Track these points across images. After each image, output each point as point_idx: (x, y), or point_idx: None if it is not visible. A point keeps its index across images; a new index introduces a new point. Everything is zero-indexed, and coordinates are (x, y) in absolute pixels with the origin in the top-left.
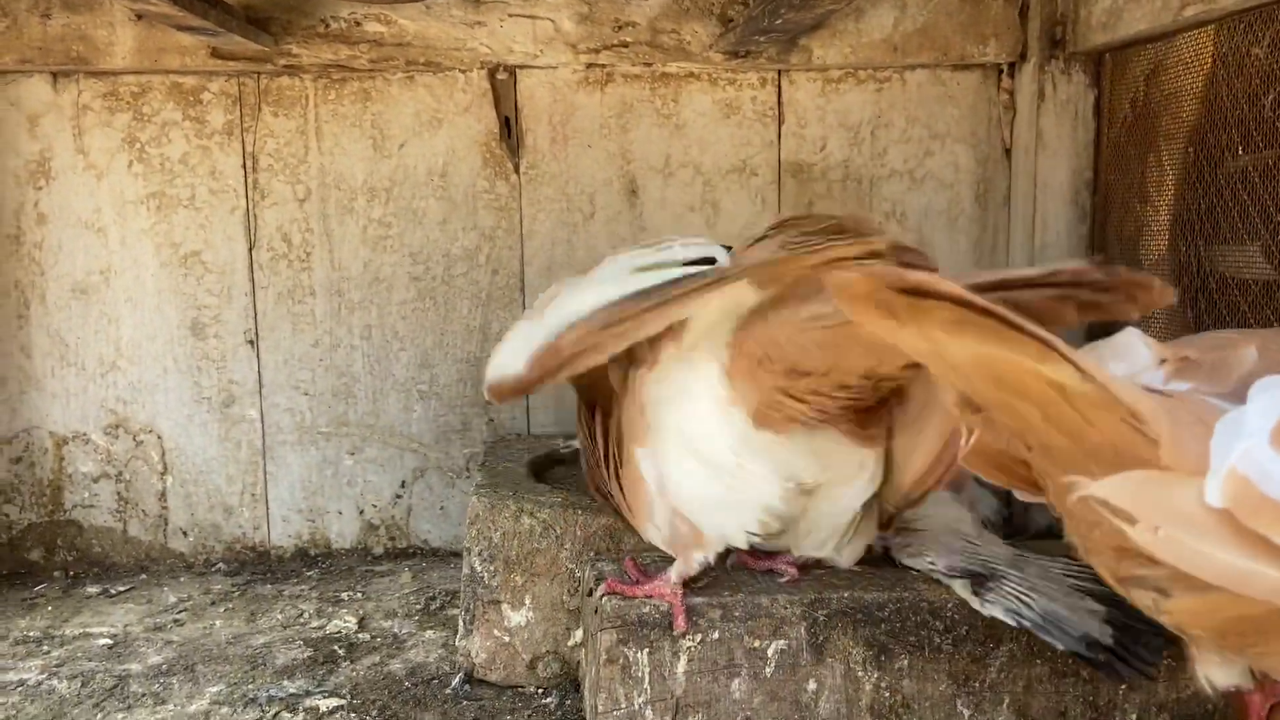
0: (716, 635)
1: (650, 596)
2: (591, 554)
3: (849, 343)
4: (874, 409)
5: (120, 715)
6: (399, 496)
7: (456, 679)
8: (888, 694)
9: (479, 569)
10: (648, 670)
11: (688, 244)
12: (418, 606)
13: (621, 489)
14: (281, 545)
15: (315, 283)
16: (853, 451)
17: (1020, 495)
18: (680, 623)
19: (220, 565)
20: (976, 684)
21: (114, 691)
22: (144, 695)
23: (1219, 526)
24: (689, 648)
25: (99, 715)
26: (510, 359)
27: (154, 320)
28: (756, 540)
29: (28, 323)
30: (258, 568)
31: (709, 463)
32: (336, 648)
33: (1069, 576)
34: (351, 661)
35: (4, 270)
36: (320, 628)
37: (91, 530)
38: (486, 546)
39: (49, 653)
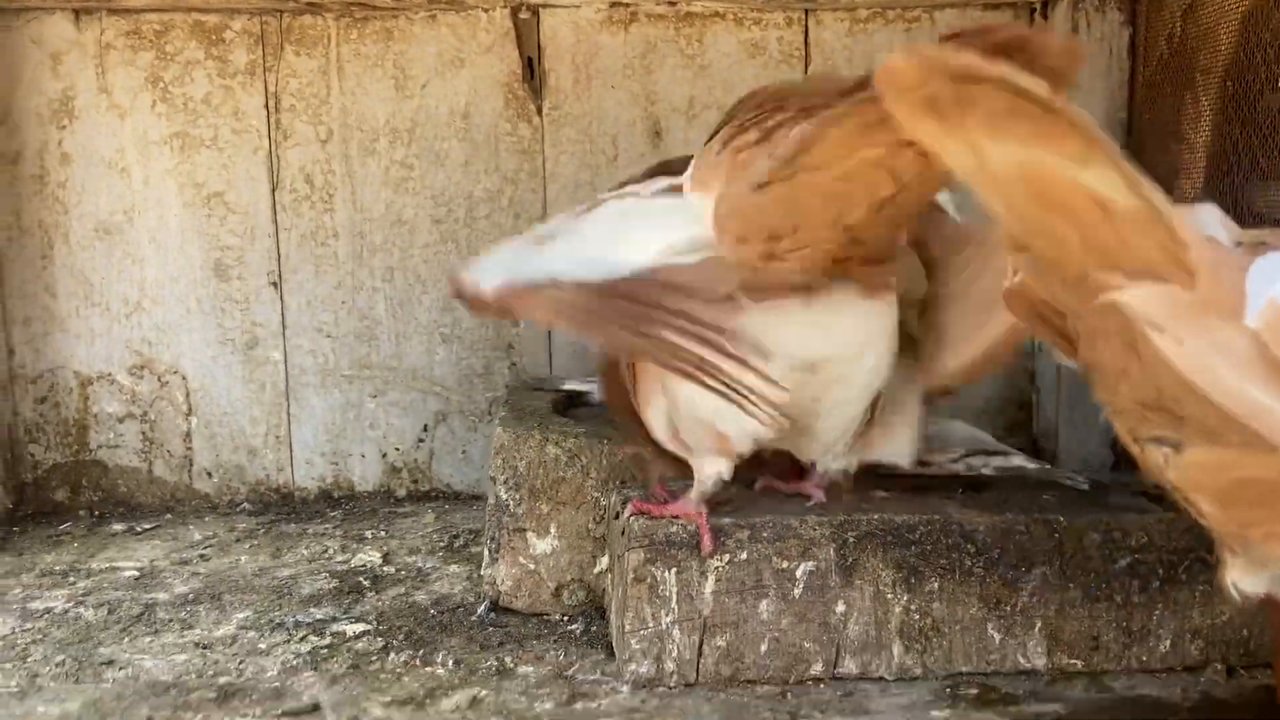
0: (745, 556)
1: (676, 517)
2: (618, 483)
3: (804, 194)
4: (877, 261)
5: (148, 639)
6: (421, 440)
7: (482, 607)
8: (917, 617)
9: (504, 497)
10: (675, 590)
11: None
12: (441, 544)
13: (645, 413)
14: (305, 487)
15: (338, 224)
16: (860, 316)
17: (1059, 356)
18: (707, 543)
19: (245, 505)
20: (1008, 608)
21: (141, 618)
22: (171, 621)
23: (1247, 351)
24: (717, 568)
25: (126, 639)
26: (486, 272)
27: (178, 261)
28: (770, 437)
29: (52, 263)
30: (282, 509)
31: None
32: (362, 579)
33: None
34: (377, 592)
35: (28, 209)
36: (345, 562)
37: (117, 470)
38: (512, 475)
39: (75, 584)
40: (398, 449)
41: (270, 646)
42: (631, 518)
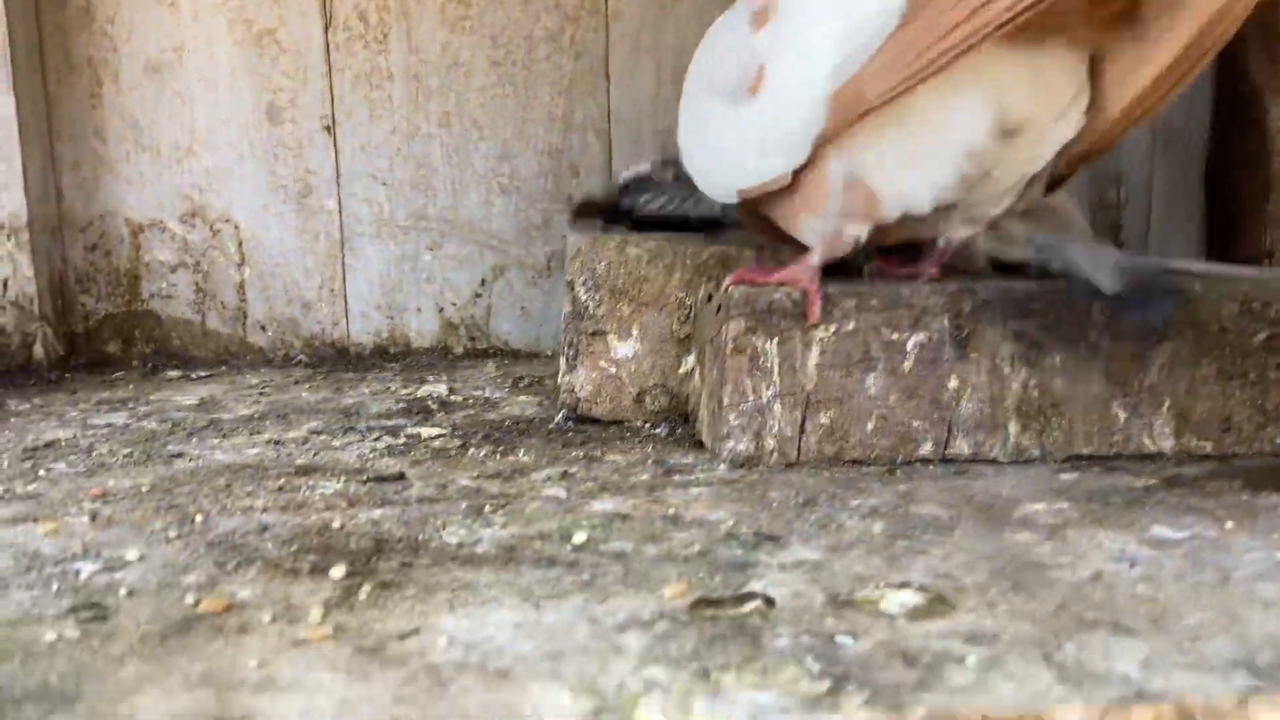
0: (852, 326)
1: (783, 283)
2: (705, 279)
3: None
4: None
5: (216, 440)
6: (479, 295)
7: (560, 415)
8: (1036, 394)
9: (583, 298)
10: (777, 362)
11: None
12: (505, 384)
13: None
14: (361, 342)
15: (392, 66)
16: (1072, 71)
17: None
18: (815, 311)
19: (300, 358)
20: (1135, 385)
21: (207, 428)
22: (238, 429)
23: None
24: (821, 339)
25: (193, 441)
26: (769, 145)
27: (229, 103)
28: (946, 198)
29: (101, 103)
30: (338, 362)
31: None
32: (430, 404)
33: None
34: (447, 413)
35: (76, 46)
36: (410, 393)
37: (170, 322)
38: (591, 276)
39: (135, 408)
40: (454, 304)
41: (345, 444)
42: (731, 287)
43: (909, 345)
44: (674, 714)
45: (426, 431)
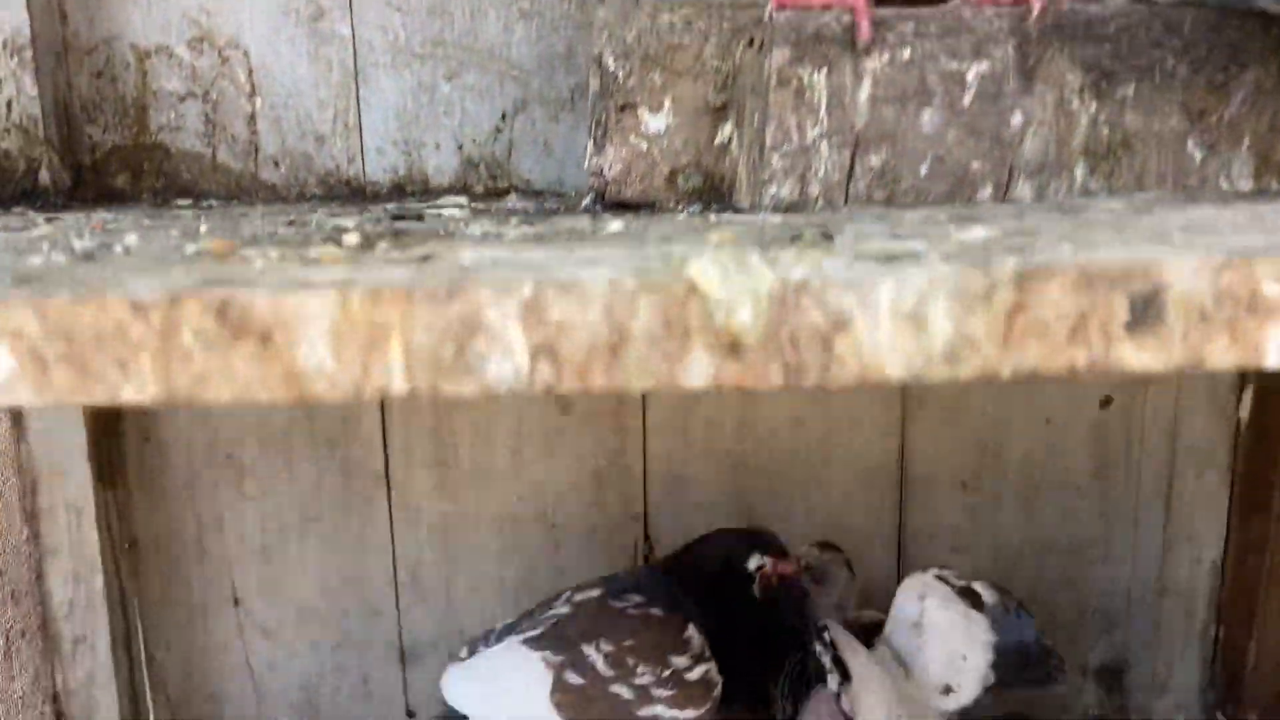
0: (907, 55)
1: (830, 5)
2: (743, 39)
3: None
4: None
5: (229, 225)
6: (499, 130)
7: (588, 199)
8: (1106, 130)
9: (613, 67)
10: (825, 95)
11: None
12: (530, 209)
13: None
14: (377, 180)
15: None
16: None
17: None
18: (865, 28)
19: (315, 195)
20: (1213, 120)
21: (218, 220)
22: (253, 221)
23: None
24: (874, 69)
25: (204, 226)
26: None
27: None
28: None
29: None
30: (353, 201)
31: None
32: (453, 208)
33: None
34: (470, 209)
35: None
36: (431, 204)
37: (179, 155)
38: (620, 45)
39: (142, 220)
40: (474, 140)
41: (362, 219)
42: (775, 10)
43: (970, 76)
44: (727, 263)
45: (447, 211)
